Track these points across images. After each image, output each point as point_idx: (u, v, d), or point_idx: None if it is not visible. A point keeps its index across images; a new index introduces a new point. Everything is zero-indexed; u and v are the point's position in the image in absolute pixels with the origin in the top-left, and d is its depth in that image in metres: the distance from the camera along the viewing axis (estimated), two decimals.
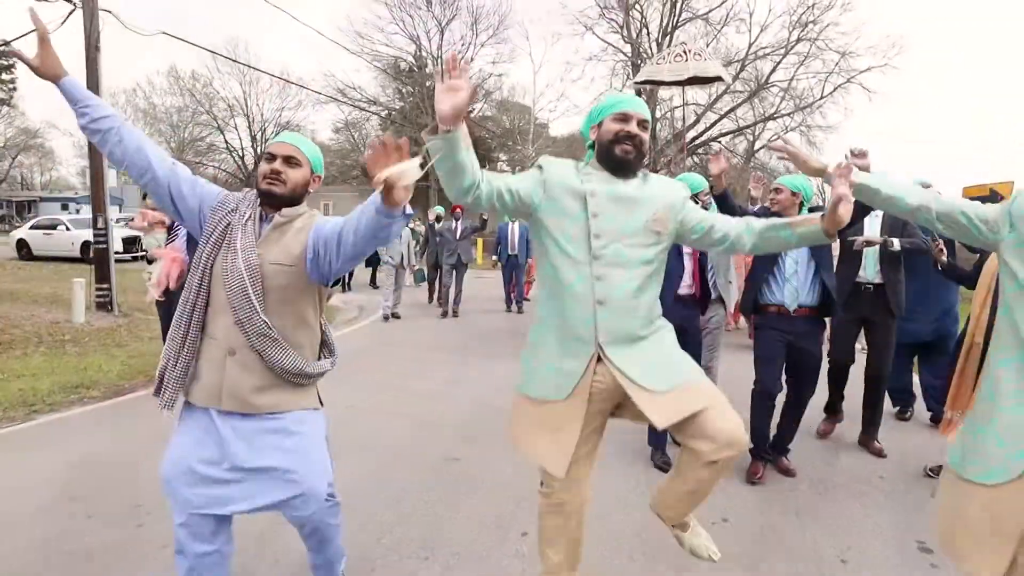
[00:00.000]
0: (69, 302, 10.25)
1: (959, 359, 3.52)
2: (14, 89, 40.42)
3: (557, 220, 1.97)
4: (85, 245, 18.49)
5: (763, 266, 3.61)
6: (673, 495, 2.01)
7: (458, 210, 9.96)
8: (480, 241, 22.86)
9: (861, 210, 3.37)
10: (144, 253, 19.17)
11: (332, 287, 2.10)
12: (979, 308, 3.40)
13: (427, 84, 31.04)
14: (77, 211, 34.91)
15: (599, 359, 1.94)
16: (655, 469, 3.69)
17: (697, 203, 3.71)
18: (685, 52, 6.93)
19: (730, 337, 7.43)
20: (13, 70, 39.28)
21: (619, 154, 1.98)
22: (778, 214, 3.53)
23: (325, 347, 2.07)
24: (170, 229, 5.19)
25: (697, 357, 3.42)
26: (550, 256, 1.99)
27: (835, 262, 4.21)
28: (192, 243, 5.26)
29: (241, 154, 37.99)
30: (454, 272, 9.92)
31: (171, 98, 38.59)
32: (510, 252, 10.27)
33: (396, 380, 5.86)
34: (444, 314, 9.88)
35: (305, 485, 1.89)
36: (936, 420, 4.55)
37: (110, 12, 10.20)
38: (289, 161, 1.94)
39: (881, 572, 2.62)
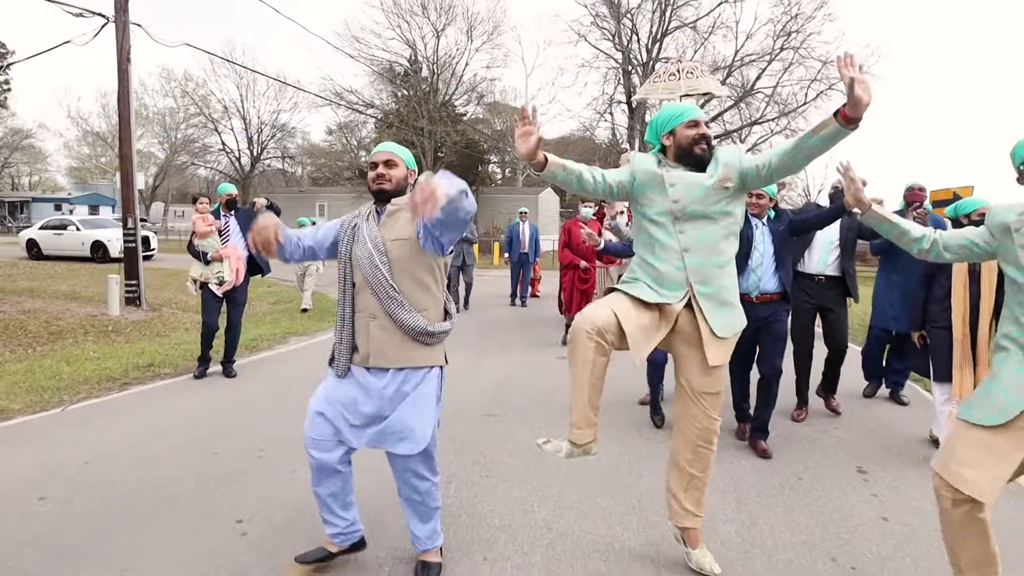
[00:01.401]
0: (89, 297, 10.97)
1: (954, 353, 3.82)
2: (8, 90, 40.67)
3: (645, 196, 2.47)
4: (95, 245, 19.10)
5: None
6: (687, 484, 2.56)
7: None
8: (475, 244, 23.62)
9: (829, 217, 4.09)
10: (151, 252, 19.51)
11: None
12: (961, 305, 3.83)
13: (422, 87, 31.80)
14: (71, 211, 35.27)
15: (689, 297, 2.39)
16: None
17: None
18: (678, 71, 7.74)
19: None
20: (7, 71, 39.54)
21: (699, 153, 2.43)
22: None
23: (447, 313, 2.54)
24: (220, 232, 5.96)
25: None
26: (643, 222, 2.49)
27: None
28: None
29: (237, 155, 38.49)
30: (461, 271, 10.75)
31: (163, 99, 39.00)
32: (521, 250, 11.06)
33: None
34: (457, 309, 10.67)
35: (410, 440, 2.37)
36: (895, 395, 5.30)
37: (139, 26, 10.90)
38: (388, 164, 2.44)
39: (827, 485, 3.47)
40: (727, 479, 3.51)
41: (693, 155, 2.44)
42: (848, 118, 2.03)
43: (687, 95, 7.93)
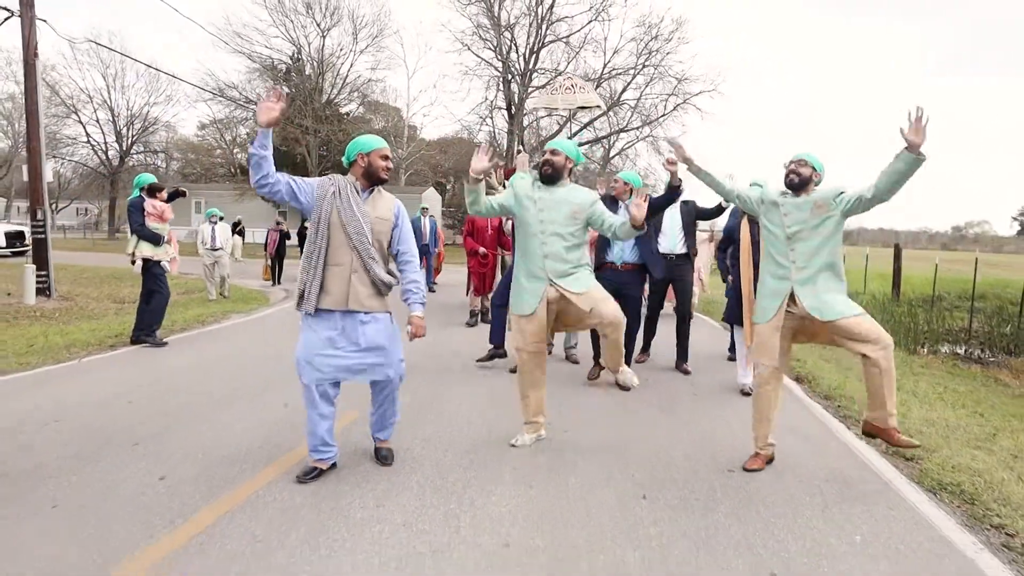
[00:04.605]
0: None
1: (745, 309, 4.88)
2: None
3: (522, 212, 3.62)
4: None
5: (602, 236, 5.10)
6: (607, 353, 3.86)
7: None
8: None
9: (664, 204, 5.66)
10: (27, 247, 18.98)
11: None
12: (745, 270, 4.97)
13: (307, 86, 31.96)
14: None
15: (550, 284, 3.55)
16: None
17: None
18: (573, 86, 9.52)
19: None
20: None
21: (541, 172, 3.65)
22: (615, 198, 5.22)
23: (392, 274, 3.24)
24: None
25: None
26: (521, 231, 3.65)
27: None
28: None
29: (104, 148, 36.25)
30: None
31: (2, 83, 35.67)
32: (423, 242, 12.34)
33: None
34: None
35: (392, 368, 3.16)
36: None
37: (45, 21, 11.14)
38: (390, 159, 3.23)
39: (668, 407, 5.27)
40: (610, 403, 5.24)
41: (542, 173, 3.67)
42: (633, 225, 3.42)
43: (583, 107, 9.74)
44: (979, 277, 14.72)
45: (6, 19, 11.01)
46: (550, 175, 3.66)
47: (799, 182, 3.36)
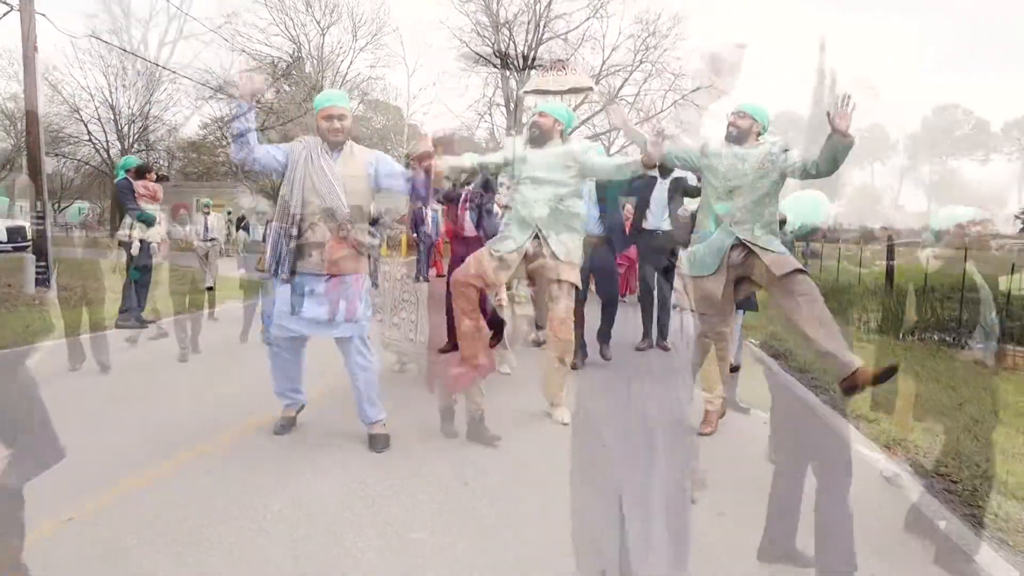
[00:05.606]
0: None
1: None
2: None
3: (517, 166, 3.66)
4: None
5: None
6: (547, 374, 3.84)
7: None
8: None
9: (644, 185, 5.66)
10: (28, 243, 18.87)
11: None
12: None
13: (307, 83, 32.12)
14: None
15: (535, 237, 3.58)
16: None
17: None
18: (564, 68, 9.76)
19: None
20: None
21: (530, 134, 3.75)
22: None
23: (372, 234, 3.32)
24: None
25: None
26: (517, 183, 3.69)
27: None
28: None
29: (106, 147, 36.40)
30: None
31: (4, 83, 35.72)
32: (426, 231, 12.39)
33: None
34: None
35: (354, 325, 3.05)
36: None
37: (45, 16, 11.31)
38: (341, 118, 3.01)
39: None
40: (585, 378, 5.38)
41: (530, 134, 3.78)
42: (644, 163, 3.43)
43: (575, 89, 9.94)
44: (981, 274, 14.81)
45: (6, 13, 11.20)
46: (537, 136, 3.70)
47: (738, 134, 3.34)
